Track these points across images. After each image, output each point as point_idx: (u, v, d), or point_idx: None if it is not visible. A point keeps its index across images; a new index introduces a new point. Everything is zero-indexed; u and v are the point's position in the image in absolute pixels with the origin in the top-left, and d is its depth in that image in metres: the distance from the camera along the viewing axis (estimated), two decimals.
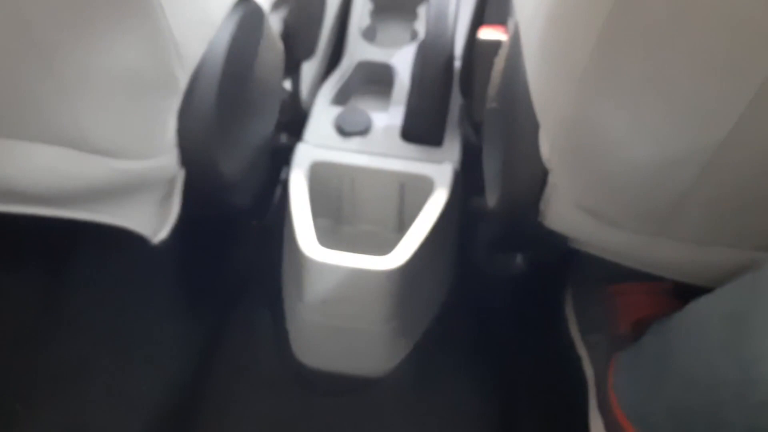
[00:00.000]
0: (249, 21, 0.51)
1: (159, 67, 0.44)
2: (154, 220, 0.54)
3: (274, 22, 0.59)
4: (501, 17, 0.59)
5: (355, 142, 0.63)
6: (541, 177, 0.46)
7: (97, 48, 0.41)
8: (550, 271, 0.67)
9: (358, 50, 0.72)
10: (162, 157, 0.49)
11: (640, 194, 0.42)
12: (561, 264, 0.65)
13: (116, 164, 0.48)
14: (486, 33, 0.55)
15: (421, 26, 0.74)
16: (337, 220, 0.66)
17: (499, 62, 0.51)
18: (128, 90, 0.44)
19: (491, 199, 0.52)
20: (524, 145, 0.45)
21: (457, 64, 0.65)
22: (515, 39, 0.47)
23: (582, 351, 0.61)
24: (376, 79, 0.71)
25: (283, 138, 0.67)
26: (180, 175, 0.52)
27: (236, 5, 0.50)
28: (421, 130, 0.63)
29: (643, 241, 0.46)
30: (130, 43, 0.41)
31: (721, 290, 0.42)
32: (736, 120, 0.35)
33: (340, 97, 0.69)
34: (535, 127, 0.44)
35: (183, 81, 0.46)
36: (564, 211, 0.48)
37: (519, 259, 0.70)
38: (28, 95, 0.44)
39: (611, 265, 0.52)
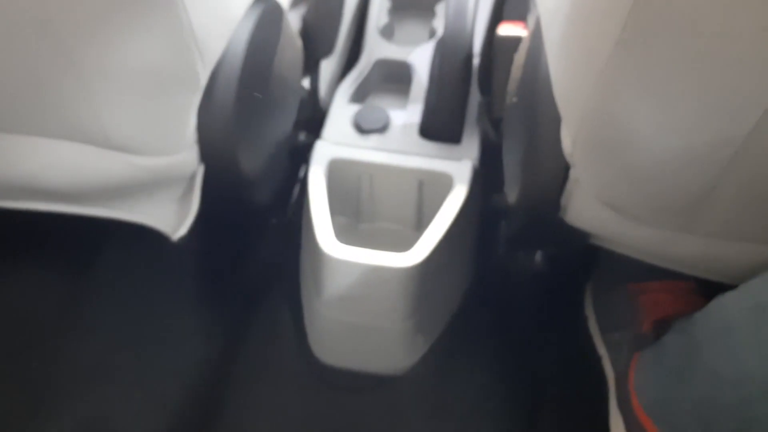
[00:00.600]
0: (268, 18, 0.52)
1: (180, 64, 0.44)
2: (173, 217, 0.55)
3: (293, 20, 0.59)
4: (520, 13, 0.59)
5: (373, 139, 0.63)
6: (562, 172, 0.46)
7: (118, 45, 0.41)
8: (570, 268, 0.66)
9: (376, 48, 0.72)
10: (182, 154, 0.50)
11: (664, 189, 0.42)
12: (581, 262, 0.64)
13: (137, 161, 0.48)
14: (506, 29, 0.55)
15: (439, 24, 0.74)
16: (355, 218, 0.66)
17: (520, 57, 0.51)
18: (149, 87, 0.44)
19: (511, 194, 0.52)
20: (546, 140, 0.45)
21: (475, 61, 0.65)
22: (536, 33, 0.47)
23: (602, 350, 0.61)
24: (394, 77, 0.71)
25: (302, 136, 0.67)
26: (199, 172, 0.53)
27: (255, 2, 0.50)
28: (439, 127, 0.63)
29: (666, 237, 0.46)
30: (151, 40, 0.42)
31: (746, 286, 0.41)
32: (761, 114, 0.35)
33: (359, 95, 0.69)
34: (556, 121, 0.44)
35: (203, 78, 0.47)
36: (585, 206, 0.47)
37: (538, 256, 0.70)
38: (50, 92, 0.44)
39: (632, 263, 0.51)
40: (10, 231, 0.62)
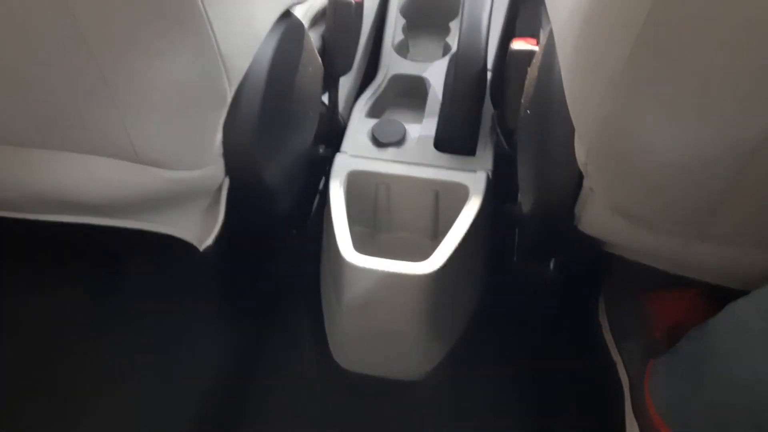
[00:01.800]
0: (290, 37, 0.54)
1: (207, 80, 0.46)
2: (200, 228, 0.56)
3: (313, 38, 0.61)
4: (532, 29, 0.61)
5: (390, 152, 0.65)
6: (576, 181, 0.47)
7: (149, 63, 0.43)
8: (584, 276, 0.67)
9: (392, 64, 0.74)
10: (208, 167, 0.51)
11: (677, 196, 0.42)
12: (594, 270, 0.65)
13: (165, 174, 0.50)
14: (519, 44, 0.56)
15: (453, 40, 0.75)
16: (373, 228, 0.67)
17: (533, 71, 0.52)
18: (178, 103, 0.46)
19: (525, 204, 0.53)
20: (559, 150, 0.46)
21: (488, 75, 0.67)
22: (549, 47, 0.48)
23: (616, 357, 0.61)
24: (410, 92, 0.73)
25: (322, 149, 0.69)
26: (225, 185, 0.54)
27: (278, 21, 0.52)
28: (454, 139, 0.65)
29: (680, 244, 0.47)
30: (180, 58, 0.43)
31: (758, 291, 0.42)
32: None
33: (376, 110, 0.71)
34: (570, 131, 0.45)
35: (229, 94, 0.48)
36: (599, 215, 0.48)
37: (552, 264, 0.71)
38: (83, 109, 0.46)
39: (645, 270, 0.52)
40: (40, 241, 0.64)
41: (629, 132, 0.39)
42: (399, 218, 0.66)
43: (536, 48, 0.54)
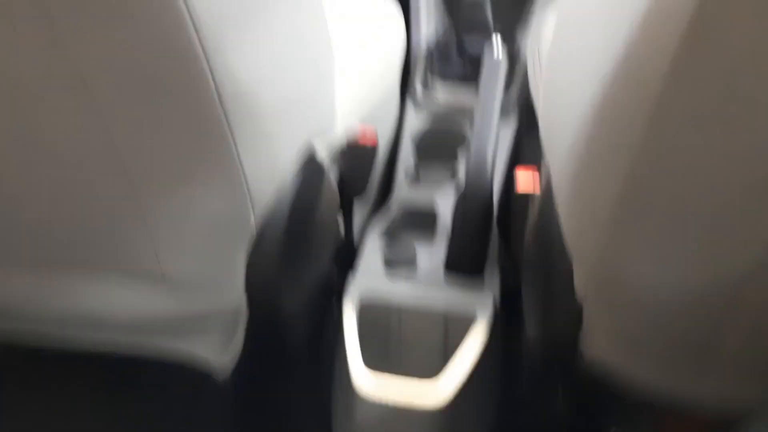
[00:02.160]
0: (312, 175, 0.57)
1: (235, 213, 0.49)
2: (218, 355, 0.57)
3: (332, 171, 0.66)
4: (534, 158, 0.65)
5: (401, 273, 0.68)
6: (578, 312, 0.48)
7: (185, 195, 0.46)
8: (595, 408, 0.67)
9: (403, 191, 0.78)
10: (230, 294, 0.53)
11: (674, 329, 0.44)
12: (605, 401, 0.65)
13: (189, 299, 0.52)
14: (522, 179, 0.60)
15: (461, 167, 0.80)
16: (384, 350, 0.68)
17: (534, 206, 0.56)
18: (207, 232, 0.49)
19: (531, 333, 0.54)
20: (560, 282, 0.48)
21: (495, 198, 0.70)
22: (548, 185, 0.52)
23: None
24: (420, 215, 0.77)
25: (336, 270, 0.72)
26: (244, 311, 0.56)
27: (302, 163, 0.56)
28: (463, 262, 0.68)
29: (681, 376, 0.47)
30: (212, 191, 0.47)
31: (763, 423, 0.42)
32: (762, 248, 0.37)
33: (388, 232, 0.74)
34: (569, 264, 0.47)
35: (254, 226, 0.51)
36: (601, 347, 0.49)
37: (562, 393, 0.70)
38: (118, 234, 0.48)
39: (653, 406, 0.52)
40: (51, 360, 0.65)
41: (622, 268, 0.42)
42: (409, 340, 0.67)
43: (537, 191, 0.58)
